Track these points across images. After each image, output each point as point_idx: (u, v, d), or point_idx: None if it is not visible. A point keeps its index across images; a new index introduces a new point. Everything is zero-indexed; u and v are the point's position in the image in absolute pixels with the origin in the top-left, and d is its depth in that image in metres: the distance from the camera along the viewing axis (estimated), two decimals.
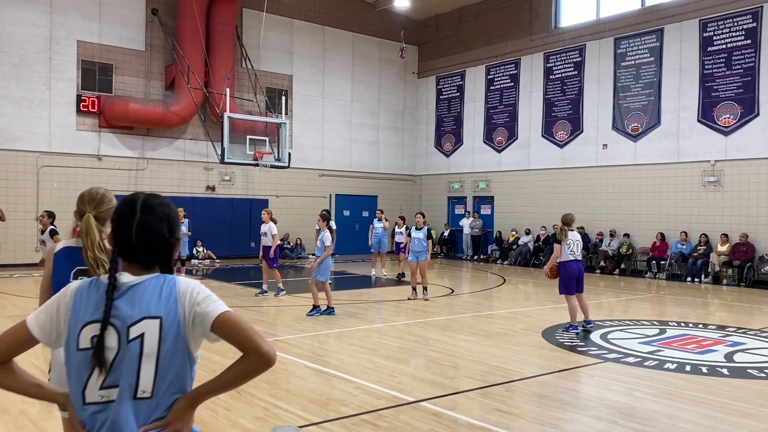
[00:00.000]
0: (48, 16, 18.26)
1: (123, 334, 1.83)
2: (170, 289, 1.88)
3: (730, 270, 16.40)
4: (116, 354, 1.82)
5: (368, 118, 25.16)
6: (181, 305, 1.88)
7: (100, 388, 1.83)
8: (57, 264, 3.06)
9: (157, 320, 1.84)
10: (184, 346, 1.88)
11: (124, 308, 1.84)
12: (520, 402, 6.00)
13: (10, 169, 17.72)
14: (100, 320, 1.82)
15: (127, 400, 1.82)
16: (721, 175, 17.38)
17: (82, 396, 1.85)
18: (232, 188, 21.71)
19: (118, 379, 1.82)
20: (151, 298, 1.86)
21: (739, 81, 17.04)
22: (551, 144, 21.53)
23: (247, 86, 21.61)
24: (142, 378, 1.82)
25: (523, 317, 10.91)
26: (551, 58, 21.60)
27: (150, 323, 1.83)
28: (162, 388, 1.85)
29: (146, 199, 1.95)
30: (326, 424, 5.17)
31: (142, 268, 1.94)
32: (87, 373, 1.83)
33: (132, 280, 1.89)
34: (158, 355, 1.83)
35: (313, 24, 23.50)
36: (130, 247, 1.92)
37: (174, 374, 1.87)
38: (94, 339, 1.82)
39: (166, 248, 1.96)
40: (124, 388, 1.82)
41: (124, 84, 19.54)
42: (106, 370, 1.81)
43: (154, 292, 1.87)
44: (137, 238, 1.91)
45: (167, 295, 1.87)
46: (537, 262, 20.81)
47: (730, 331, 9.76)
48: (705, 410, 5.74)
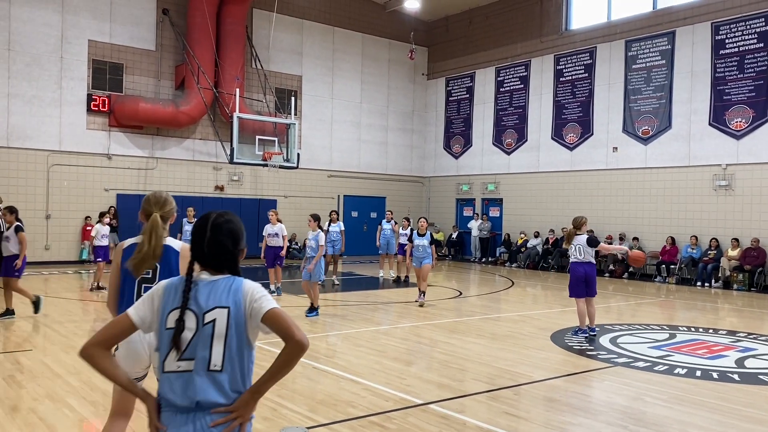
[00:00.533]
0: (60, 15, 18.37)
1: (200, 319, 2.30)
2: (237, 287, 2.35)
3: (741, 275, 16.28)
4: (194, 334, 2.29)
5: (377, 119, 25.16)
6: (243, 300, 2.33)
7: (177, 360, 2.28)
8: (126, 257, 3.55)
9: (225, 309, 2.30)
10: (244, 333, 2.32)
11: (201, 299, 2.32)
12: (528, 405, 5.97)
13: (20, 167, 17.82)
14: (176, 306, 2.32)
15: (202, 371, 2.26)
16: (732, 179, 17.26)
17: (163, 365, 2.32)
18: (241, 188, 21.76)
19: (194, 353, 2.28)
20: (222, 292, 2.33)
21: (752, 84, 16.92)
22: (561, 146, 21.45)
23: (256, 86, 21.65)
24: (214, 354, 2.27)
25: (532, 320, 10.86)
26: (562, 60, 21.53)
27: (220, 312, 2.30)
28: (228, 364, 2.28)
29: (215, 219, 2.41)
30: (334, 425, 5.15)
31: (214, 271, 2.41)
32: (168, 348, 2.29)
33: (209, 278, 2.38)
34: (226, 336, 2.29)
35: (322, 25, 23.53)
36: (203, 256, 2.40)
37: (237, 354, 2.30)
38: (175, 321, 2.30)
39: (231, 258, 2.43)
40: (199, 362, 2.27)
41: (135, 83, 19.62)
42: (181, 346, 2.27)
43: (224, 288, 2.34)
44: (208, 251, 2.39)
45: (234, 291, 2.34)
46: (545, 265, 20.74)
47: (741, 337, 9.67)
48: (716, 416, 5.69)
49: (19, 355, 7.37)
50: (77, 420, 5.20)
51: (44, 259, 18.10)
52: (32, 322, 9.56)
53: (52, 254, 18.31)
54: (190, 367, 2.27)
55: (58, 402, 5.61)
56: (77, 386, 6.11)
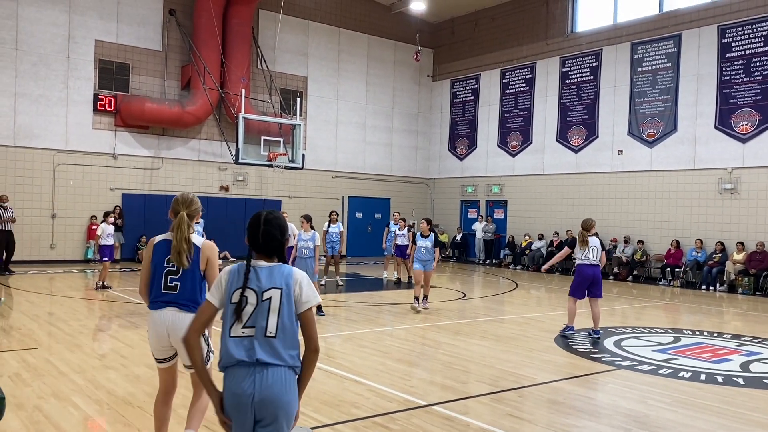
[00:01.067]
0: (67, 15, 18.45)
1: (259, 296, 2.89)
2: (288, 273, 2.95)
3: (746, 279, 16.23)
4: (254, 308, 2.88)
5: (382, 120, 25.18)
6: (294, 285, 2.92)
7: (242, 327, 2.87)
8: (156, 252, 4.09)
9: (279, 290, 2.90)
10: (293, 309, 2.91)
11: (261, 280, 2.91)
12: (532, 408, 5.97)
13: (27, 166, 17.90)
14: (240, 287, 2.90)
15: (260, 337, 2.85)
16: (737, 182, 17.22)
17: (229, 331, 2.88)
18: (246, 189, 21.80)
19: (255, 323, 2.86)
20: (277, 276, 2.92)
21: (758, 88, 16.88)
22: (566, 149, 21.43)
23: (262, 87, 21.70)
24: (270, 324, 2.86)
25: (536, 322, 10.85)
26: (567, 62, 21.51)
27: (275, 291, 2.90)
28: (281, 332, 2.87)
29: (266, 215, 3.02)
30: (338, 426, 5.16)
31: (267, 258, 3.00)
32: (233, 319, 2.87)
33: (265, 265, 2.97)
34: (279, 310, 2.88)
35: (328, 26, 23.57)
36: (258, 245, 2.99)
37: (288, 324, 2.89)
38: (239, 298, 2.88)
39: (280, 245, 3.02)
40: (259, 330, 2.86)
41: (141, 83, 19.69)
42: (243, 318, 2.86)
43: (279, 273, 2.93)
44: (262, 240, 2.97)
45: (287, 276, 2.93)
46: (550, 267, 20.68)
47: (746, 341, 9.65)
48: (720, 420, 5.68)
49: (24, 353, 7.41)
50: (82, 418, 5.22)
51: (50, 257, 18.17)
52: (37, 320, 9.60)
53: (57, 253, 18.38)
54: (252, 333, 2.86)
55: (63, 400, 5.63)
56: (82, 384, 6.13)
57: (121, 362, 7.09)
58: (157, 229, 19.53)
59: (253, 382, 2.80)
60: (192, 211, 4.18)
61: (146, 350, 7.70)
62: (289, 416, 2.86)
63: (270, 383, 2.80)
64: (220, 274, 3.01)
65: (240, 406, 2.82)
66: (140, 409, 5.43)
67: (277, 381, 2.81)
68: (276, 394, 2.80)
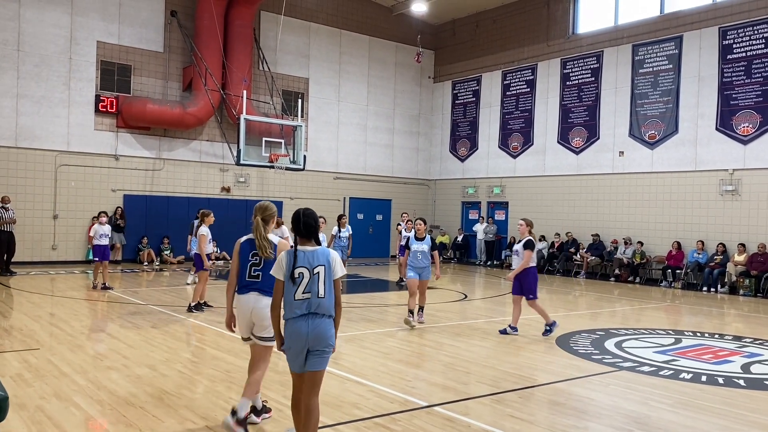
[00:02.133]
0: (69, 17, 18.48)
1: (311, 271, 4.24)
2: (327, 254, 4.34)
3: (747, 280, 16.22)
4: (309, 279, 4.23)
5: (383, 121, 25.19)
6: (332, 262, 4.31)
7: (302, 293, 4.21)
8: (242, 249, 5.08)
9: (323, 266, 4.27)
10: (331, 279, 4.29)
11: (311, 260, 4.26)
12: (533, 409, 5.97)
13: (29, 167, 17.92)
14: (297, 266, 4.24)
15: (315, 297, 4.22)
16: (738, 184, 17.22)
17: (293, 295, 4.22)
18: (247, 190, 21.82)
19: (311, 289, 4.22)
20: (321, 257, 4.29)
21: (759, 90, 16.88)
22: (567, 150, 21.43)
23: (263, 88, 21.72)
24: (320, 289, 4.23)
25: (537, 324, 10.84)
26: (568, 64, 21.53)
27: (321, 267, 4.26)
28: (328, 293, 4.26)
29: (304, 211, 4.40)
30: (340, 426, 5.17)
31: (308, 242, 4.36)
32: (295, 288, 4.22)
33: (311, 249, 4.33)
34: (325, 280, 4.25)
35: (330, 27, 23.59)
36: (301, 233, 4.34)
37: (330, 288, 4.28)
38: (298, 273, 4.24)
39: (315, 231, 4.38)
40: (314, 293, 4.22)
41: (142, 85, 19.72)
42: (302, 286, 4.22)
43: (322, 254, 4.31)
44: (304, 228, 4.34)
45: (326, 256, 4.31)
46: (551, 268, 20.72)
47: (747, 342, 9.65)
48: (722, 421, 5.68)
49: (26, 353, 7.42)
50: (84, 419, 5.23)
51: (51, 258, 18.19)
52: (39, 321, 9.62)
53: (59, 254, 18.40)
54: (309, 296, 4.24)
55: (65, 401, 5.64)
56: (84, 385, 6.15)
57: (122, 362, 7.10)
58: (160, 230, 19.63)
59: (308, 326, 4.22)
60: (266, 215, 5.10)
61: (147, 351, 7.72)
62: (331, 346, 4.31)
63: (319, 326, 4.24)
64: (279, 257, 4.34)
65: (299, 341, 4.23)
66: (142, 410, 5.44)
67: (322, 325, 4.25)
68: (323, 332, 4.25)
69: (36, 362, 7.01)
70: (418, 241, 10.01)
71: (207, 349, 8.15)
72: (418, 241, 10.01)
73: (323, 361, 4.28)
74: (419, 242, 10.00)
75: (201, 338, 8.88)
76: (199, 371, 6.91)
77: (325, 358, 4.29)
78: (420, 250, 9.92)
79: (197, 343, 8.55)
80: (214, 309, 11.09)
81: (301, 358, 4.25)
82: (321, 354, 4.25)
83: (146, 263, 19.05)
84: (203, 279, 10.89)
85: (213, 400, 5.79)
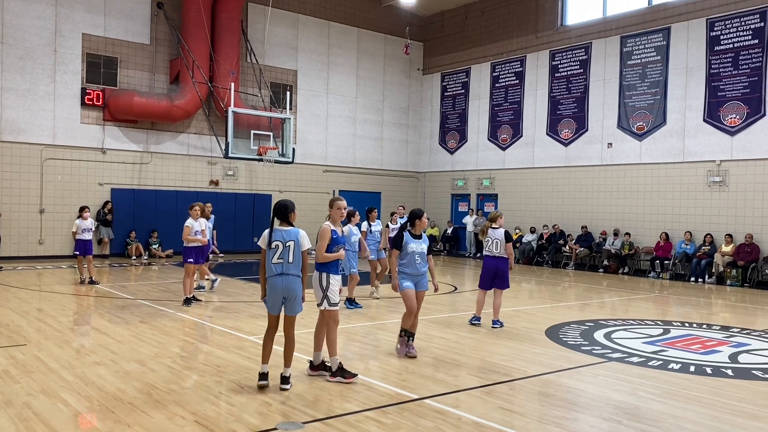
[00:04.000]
0: (53, 8, 18.26)
1: (285, 243, 5.90)
2: (297, 232, 5.97)
3: (734, 270, 16.35)
4: (282, 250, 5.88)
5: (372, 114, 25.13)
6: (300, 238, 5.95)
7: (277, 258, 5.89)
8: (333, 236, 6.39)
9: (293, 241, 5.92)
10: (299, 250, 5.94)
11: (285, 236, 5.92)
12: (523, 400, 5.99)
13: (14, 161, 17.74)
14: (273, 240, 5.92)
15: (286, 262, 5.90)
16: (726, 175, 17.33)
17: (271, 260, 5.88)
18: (236, 183, 21.72)
19: (284, 257, 5.89)
20: (292, 234, 5.94)
21: (746, 81, 16.97)
22: (556, 142, 21.48)
23: (251, 81, 21.58)
24: (290, 256, 5.90)
25: (527, 315, 10.89)
26: (557, 56, 21.54)
27: (292, 242, 5.91)
28: (296, 260, 5.93)
29: (280, 200, 6.06)
30: (330, 420, 5.16)
31: (283, 223, 6.00)
32: (273, 255, 5.88)
33: (285, 228, 5.98)
34: (294, 250, 5.92)
35: (318, 19, 23.47)
36: (278, 216, 5.99)
37: (298, 257, 5.95)
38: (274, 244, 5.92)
39: (286, 215, 5.98)
40: (286, 259, 5.89)
41: (129, 77, 19.54)
42: (277, 254, 5.88)
43: (293, 233, 5.96)
44: (278, 213, 6.00)
45: (296, 234, 5.95)
46: (540, 260, 20.80)
47: (734, 332, 9.73)
48: (709, 411, 5.72)
49: (13, 349, 7.35)
50: (72, 415, 5.18)
51: (38, 253, 18.05)
52: (26, 316, 9.53)
53: (46, 249, 18.25)
54: (282, 261, 5.88)
55: (52, 397, 5.59)
56: (71, 381, 6.10)
57: (111, 358, 7.05)
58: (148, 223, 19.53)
59: (283, 281, 5.90)
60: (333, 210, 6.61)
61: (136, 346, 7.67)
62: (300, 296, 6.00)
63: (289, 282, 5.91)
64: (264, 233, 5.95)
65: (276, 292, 5.93)
66: (130, 405, 5.40)
67: (291, 281, 5.92)
68: (292, 287, 5.93)
69: (23, 358, 6.94)
70: (415, 239, 7.48)
71: (196, 344, 8.11)
72: (414, 239, 7.48)
73: (294, 307, 5.99)
74: (416, 241, 7.48)
75: (190, 333, 8.83)
76: (189, 366, 6.87)
77: (296, 305, 5.97)
78: (419, 251, 7.46)
79: (186, 338, 8.50)
80: (203, 303, 11.05)
81: (279, 304, 5.98)
82: (292, 301, 5.95)
83: (134, 257, 18.94)
84: (188, 273, 10.83)
85: (202, 395, 5.76)
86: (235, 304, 11.14)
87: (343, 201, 6.62)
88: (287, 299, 5.91)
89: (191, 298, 10.91)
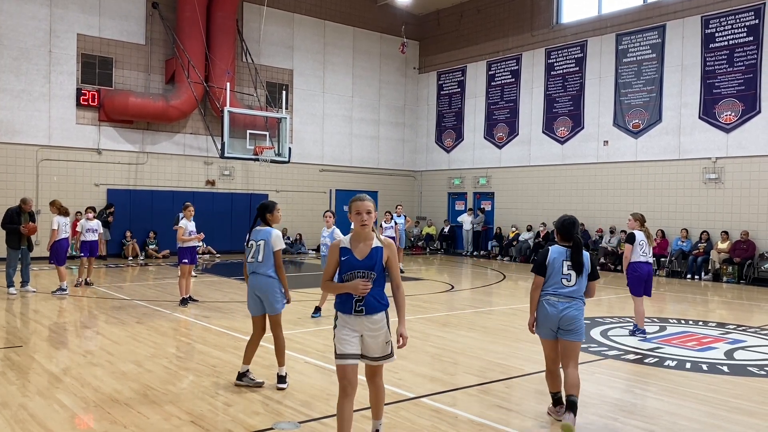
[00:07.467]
0: (48, 9, 18.20)
1: (257, 242, 6.04)
2: (269, 231, 6.08)
3: (731, 267, 16.39)
4: (255, 249, 6.03)
5: (369, 113, 25.11)
6: (270, 239, 6.02)
7: (251, 257, 6.05)
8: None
9: (263, 240, 6.03)
10: (270, 249, 6.01)
11: (257, 236, 6.08)
12: (520, 398, 5.99)
13: (9, 162, 17.69)
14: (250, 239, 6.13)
15: (257, 261, 6.02)
16: (722, 172, 17.36)
17: (246, 259, 6.13)
18: (232, 183, 21.69)
19: (255, 256, 6.04)
20: (263, 233, 6.08)
21: (741, 78, 17.00)
22: (552, 140, 21.49)
23: (247, 80, 21.56)
24: (260, 255, 6.00)
25: (523, 313, 10.87)
26: (553, 54, 21.55)
27: (262, 241, 6.02)
28: (266, 259, 6.00)
29: (261, 202, 6.27)
30: (326, 419, 5.16)
31: (264, 223, 6.17)
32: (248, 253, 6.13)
33: (261, 229, 6.13)
34: (264, 249, 6.00)
35: (313, 18, 23.44)
36: (259, 216, 6.21)
37: (268, 256, 6.00)
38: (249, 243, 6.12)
39: (264, 216, 6.17)
40: (256, 258, 6.03)
41: (124, 78, 19.50)
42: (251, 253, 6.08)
43: (265, 232, 6.08)
44: (258, 213, 6.23)
45: (268, 234, 6.06)
46: (536, 257, 20.79)
47: (730, 329, 9.75)
48: (705, 407, 5.73)
49: (8, 351, 7.33)
50: (68, 416, 5.17)
51: (34, 254, 17.92)
52: (22, 318, 9.51)
53: (42, 249, 18.17)
54: (254, 259, 6.00)
55: (48, 398, 5.58)
56: (68, 382, 6.08)
57: (107, 359, 7.04)
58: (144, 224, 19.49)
59: (255, 280, 5.99)
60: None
61: (132, 347, 7.65)
62: (275, 292, 5.97)
63: (260, 281, 5.97)
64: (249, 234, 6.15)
65: (251, 290, 6.04)
66: (126, 406, 5.39)
67: (262, 280, 5.97)
68: (263, 285, 5.96)
69: (19, 360, 6.93)
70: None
71: (192, 344, 8.10)
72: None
73: (273, 305, 5.97)
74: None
75: (187, 333, 8.82)
76: (185, 366, 6.86)
77: (274, 304, 5.94)
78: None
79: (183, 338, 8.49)
80: (200, 303, 11.03)
81: (255, 304, 6.03)
82: (267, 300, 5.95)
83: (131, 258, 18.91)
84: (183, 273, 10.81)
85: (199, 395, 5.75)
86: (230, 305, 11.13)
87: (362, 201, 4.34)
88: (261, 299, 5.97)
89: (187, 298, 10.89)
